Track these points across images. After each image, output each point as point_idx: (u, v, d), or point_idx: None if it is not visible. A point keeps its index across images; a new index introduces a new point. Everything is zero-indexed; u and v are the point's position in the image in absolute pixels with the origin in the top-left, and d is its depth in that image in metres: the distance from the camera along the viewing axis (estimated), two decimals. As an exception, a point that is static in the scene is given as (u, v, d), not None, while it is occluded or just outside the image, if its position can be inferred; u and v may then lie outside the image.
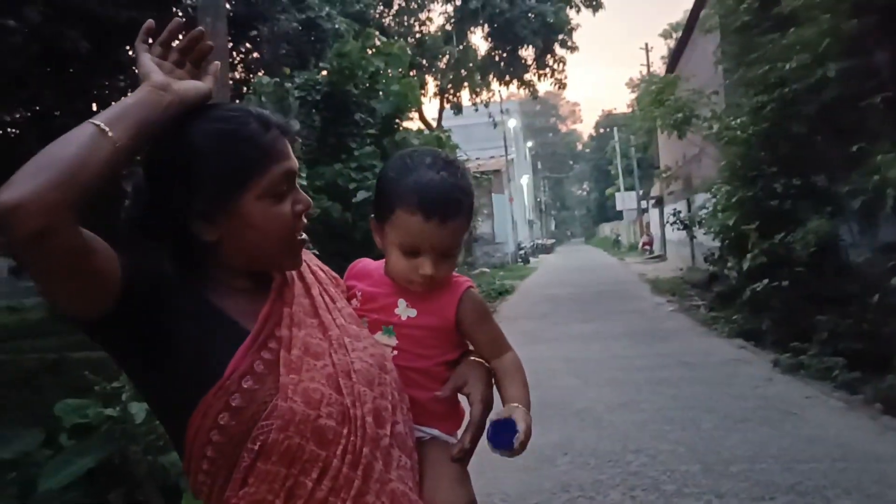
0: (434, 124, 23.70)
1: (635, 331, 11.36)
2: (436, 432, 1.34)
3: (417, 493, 1.25)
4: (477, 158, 30.36)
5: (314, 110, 10.13)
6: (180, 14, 8.75)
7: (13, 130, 9.86)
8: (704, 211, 13.25)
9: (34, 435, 4.72)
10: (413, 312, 1.37)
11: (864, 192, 7.61)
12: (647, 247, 35.16)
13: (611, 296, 17.26)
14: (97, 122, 1.07)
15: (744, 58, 10.10)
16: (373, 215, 1.42)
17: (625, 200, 46.40)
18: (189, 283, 1.24)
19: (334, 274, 1.47)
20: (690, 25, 19.11)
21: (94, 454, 4.13)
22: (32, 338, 12.66)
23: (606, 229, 66.82)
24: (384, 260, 1.43)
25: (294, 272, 1.32)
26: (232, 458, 1.15)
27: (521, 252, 36.35)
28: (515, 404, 1.34)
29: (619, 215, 53.77)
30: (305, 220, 1.28)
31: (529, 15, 24.25)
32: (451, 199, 1.34)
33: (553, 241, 63.61)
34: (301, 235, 1.27)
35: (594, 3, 24.77)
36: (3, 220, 0.97)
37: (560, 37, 25.18)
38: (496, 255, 31.63)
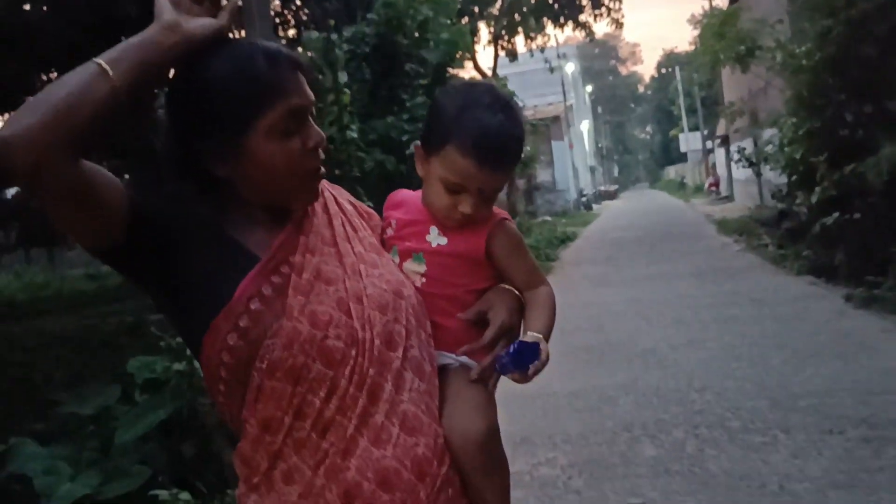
0: (489, 73, 23.35)
1: (702, 271, 11.14)
2: (464, 359, 1.32)
3: (434, 417, 1.24)
4: (535, 105, 29.99)
5: (364, 63, 10.08)
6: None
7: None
8: (771, 146, 12.79)
9: (112, 391, 4.94)
10: (444, 240, 1.35)
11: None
12: (714, 188, 34.25)
13: (676, 238, 16.94)
14: (99, 62, 1.09)
15: (808, -20, 9.59)
16: (419, 142, 1.39)
17: (689, 141, 45.16)
18: (207, 215, 1.25)
19: (367, 209, 1.46)
20: (752, -48, 18.22)
21: (164, 408, 4.28)
22: (111, 303, 13.18)
23: (671, 172, 65.34)
24: (422, 190, 1.41)
25: (318, 205, 1.32)
26: (244, 378, 1.18)
27: (584, 199, 35.90)
28: (536, 333, 1.31)
29: (683, 157, 52.46)
30: (322, 155, 1.27)
31: (583, -48, 23.53)
32: (507, 147, 1.32)
33: (616, 186, 62.50)
34: (318, 170, 1.26)
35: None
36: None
37: (616, -27, 24.40)
38: (557, 203, 31.31)
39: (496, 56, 25.90)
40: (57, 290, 18.76)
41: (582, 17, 25.37)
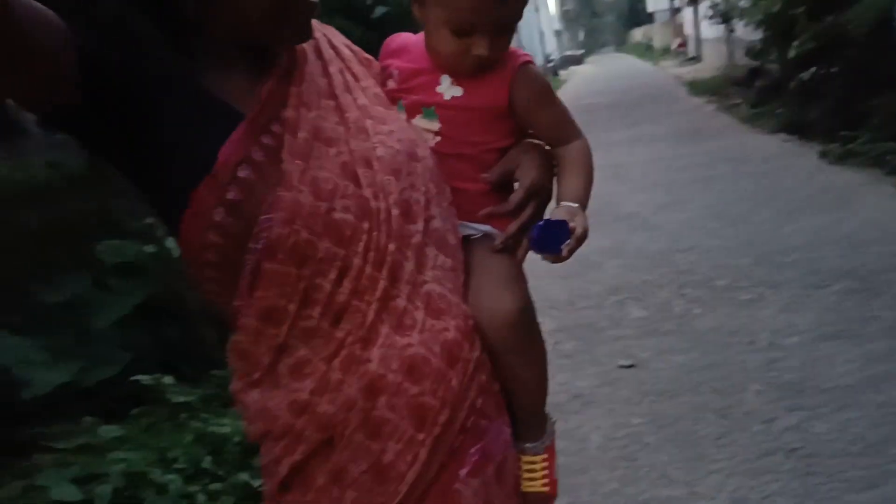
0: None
1: (678, 132, 10.99)
2: (487, 228, 1.14)
3: (462, 296, 1.08)
4: (498, -33, 28.75)
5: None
6: None
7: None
8: (745, 0, 12.39)
9: (83, 278, 4.78)
10: (458, 91, 1.13)
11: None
12: (682, 48, 33.61)
13: (648, 101, 16.67)
14: None
15: None
16: None
17: (656, 1, 43.99)
18: (173, 60, 1.02)
19: (367, 55, 1.23)
20: None
21: (139, 291, 4.16)
22: (75, 191, 12.76)
23: (638, 34, 63.92)
24: (423, 34, 1.17)
25: (310, 48, 1.09)
26: (236, 261, 0.99)
27: (550, 65, 35.13)
28: (572, 203, 1.13)
29: (650, 18, 51.25)
30: None
31: None
32: None
33: (582, 51, 61.15)
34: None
35: None
36: None
37: None
38: (525, 71, 30.59)
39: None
40: (16, 181, 18.18)
41: None
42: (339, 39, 1.18)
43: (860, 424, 2.85)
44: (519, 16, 1.12)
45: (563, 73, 37.00)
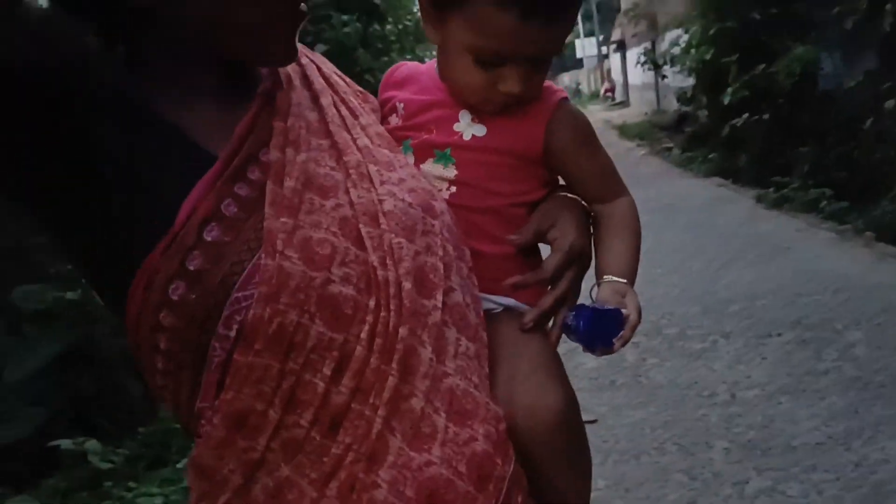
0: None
1: (611, 177, 11.11)
2: (509, 301, 0.94)
3: (488, 391, 0.85)
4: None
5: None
6: None
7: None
8: (677, 48, 12.72)
9: (-7, 325, 4.38)
10: (481, 130, 0.94)
11: (854, 12, 7.20)
12: (609, 94, 34.50)
13: (579, 144, 16.90)
14: None
15: None
16: None
17: (585, 48, 45.18)
18: (124, 83, 0.80)
19: (359, 88, 1.02)
20: None
21: (58, 341, 3.81)
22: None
23: (566, 79, 65.61)
24: (435, 61, 0.98)
25: (295, 74, 0.89)
26: (196, 350, 0.76)
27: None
28: (618, 279, 0.95)
29: (579, 64, 52.59)
30: None
31: None
32: None
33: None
34: (298, 4, 0.82)
35: None
36: None
37: None
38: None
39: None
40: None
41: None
42: (329, 67, 0.97)
43: (836, 486, 2.75)
44: (561, 47, 0.93)
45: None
